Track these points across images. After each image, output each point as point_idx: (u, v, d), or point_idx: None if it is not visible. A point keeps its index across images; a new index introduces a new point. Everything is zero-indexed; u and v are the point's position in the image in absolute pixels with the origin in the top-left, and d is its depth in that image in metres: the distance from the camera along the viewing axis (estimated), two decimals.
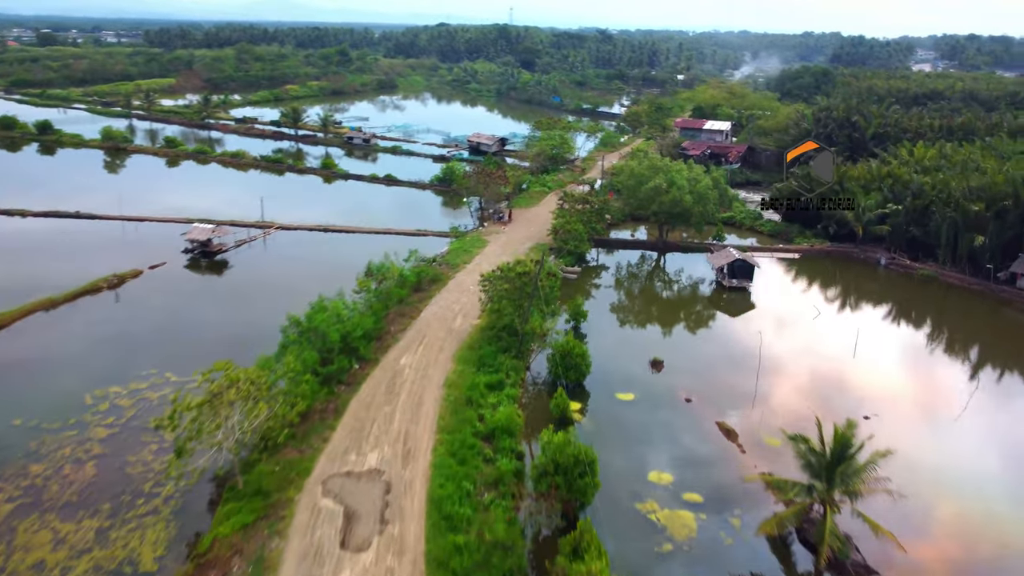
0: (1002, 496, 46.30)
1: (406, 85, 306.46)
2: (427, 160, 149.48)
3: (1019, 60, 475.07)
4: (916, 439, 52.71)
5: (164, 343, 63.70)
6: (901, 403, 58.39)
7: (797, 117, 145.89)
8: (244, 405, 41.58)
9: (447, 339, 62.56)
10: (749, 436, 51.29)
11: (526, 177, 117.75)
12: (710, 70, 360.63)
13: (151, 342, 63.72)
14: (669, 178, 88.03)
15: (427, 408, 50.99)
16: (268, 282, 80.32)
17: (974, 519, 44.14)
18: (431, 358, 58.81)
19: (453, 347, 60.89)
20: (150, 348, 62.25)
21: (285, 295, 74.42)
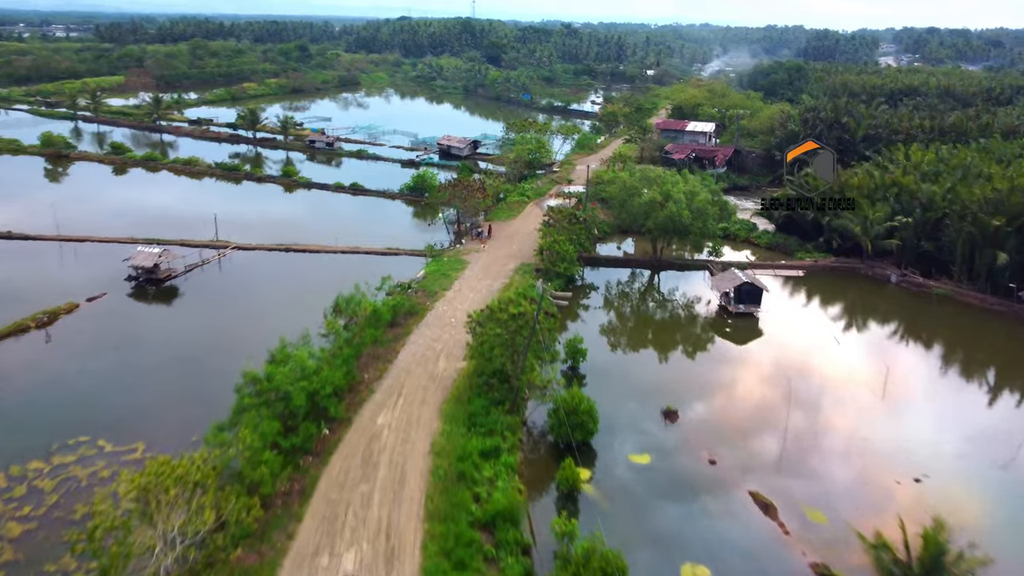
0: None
1: (369, 82, 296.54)
2: (395, 165, 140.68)
3: (981, 54, 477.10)
4: (979, 502, 45.90)
5: (101, 398, 54.83)
6: (946, 455, 51.54)
7: (782, 118, 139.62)
8: (187, 507, 33.29)
9: (430, 388, 54.41)
10: (789, 509, 43.97)
11: (505, 187, 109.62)
12: (679, 65, 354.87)
13: (85, 397, 54.74)
14: (664, 191, 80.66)
15: (412, 486, 42.85)
16: (224, 314, 71.48)
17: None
18: (413, 414, 50.65)
19: (438, 399, 52.75)
20: (83, 406, 53.29)
21: (243, 331, 66.22)
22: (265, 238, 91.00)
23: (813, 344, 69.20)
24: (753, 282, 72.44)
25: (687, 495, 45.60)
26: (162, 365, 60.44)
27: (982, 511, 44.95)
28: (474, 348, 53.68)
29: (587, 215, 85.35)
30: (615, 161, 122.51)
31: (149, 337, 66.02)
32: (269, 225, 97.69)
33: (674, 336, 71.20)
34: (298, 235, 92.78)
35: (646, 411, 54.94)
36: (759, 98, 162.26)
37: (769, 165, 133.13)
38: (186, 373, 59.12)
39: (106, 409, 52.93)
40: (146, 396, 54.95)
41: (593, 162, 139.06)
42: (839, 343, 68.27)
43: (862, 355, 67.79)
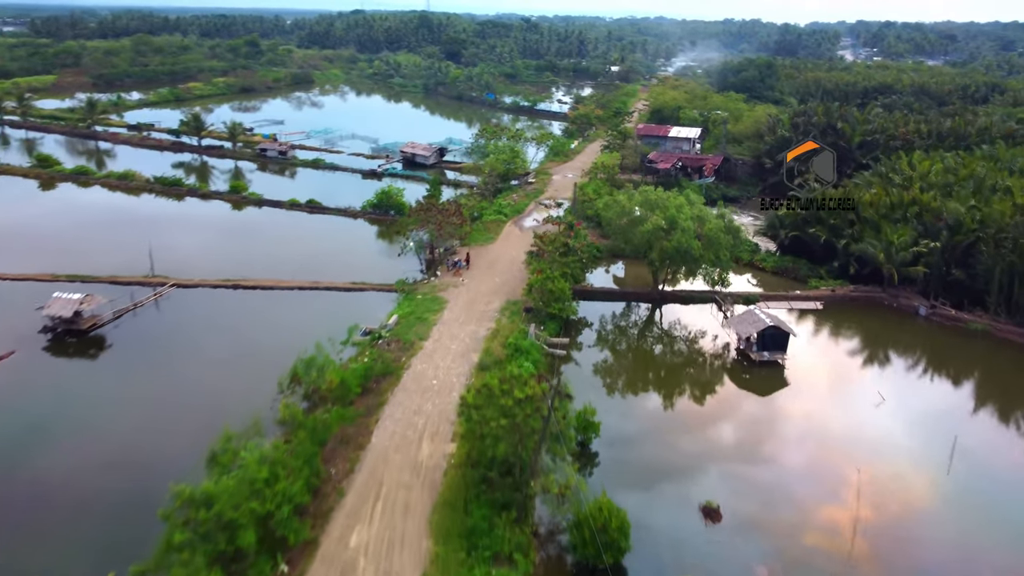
0: None
1: (323, 79, 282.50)
2: (355, 176, 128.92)
3: (939, 48, 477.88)
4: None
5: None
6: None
7: (771, 122, 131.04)
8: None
9: (414, 487, 43.70)
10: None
11: (482, 205, 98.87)
12: (642, 60, 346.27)
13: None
14: (669, 217, 70.80)
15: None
16: (157, 376, 59.66)
17: None
18: (395, 530, 39.97)
19: (425, 504, 42.08)
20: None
21: (180, 402, 54.86)
22: (210, 271, 79.13)
23: (852, 401, 59.93)
24: (778, 325, 62.89)
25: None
26: (80, 445, 48.98)
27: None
28: (467, 432, 43.10)
29: (580, 243, 75.20)
30: (596, 172, 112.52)
31: (66, 407, 54.18)
32: (214, 254, 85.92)
33: (691, 390, 61.30)
34: (249, 265, 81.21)
35: (681, 508, 44.95)
36: (741, 99, 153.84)
37: (759, 173, 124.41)
38: (107, 460, 47.66)
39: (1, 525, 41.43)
40: (56, 500, 43.47)
41: (569, 171, 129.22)
42: (883, 399, 58.92)
43: (915, 417, 58.62)
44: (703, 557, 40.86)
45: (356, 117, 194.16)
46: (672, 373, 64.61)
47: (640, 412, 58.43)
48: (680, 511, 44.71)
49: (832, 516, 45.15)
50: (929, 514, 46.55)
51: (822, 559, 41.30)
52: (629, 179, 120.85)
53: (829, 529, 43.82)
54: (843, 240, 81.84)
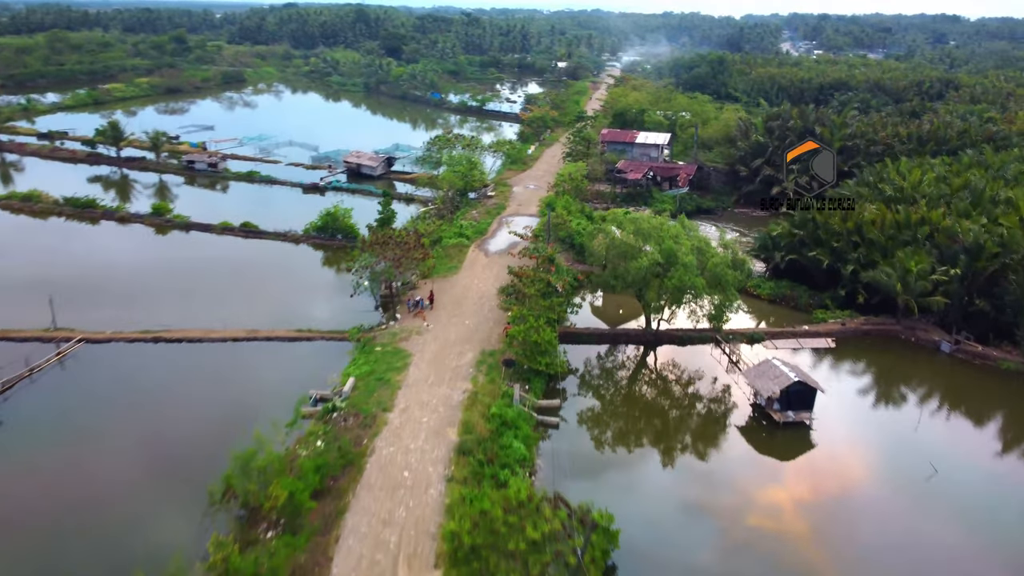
0: None
1: (256, 78, 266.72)
2: (295, 191, 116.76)
3: (877, 41, 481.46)
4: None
5: None
6: None
7: (743, 126, 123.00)
8: None
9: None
10: None
11: (441, 227, 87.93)
12: (588, 55, 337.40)
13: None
14: (666, 250, 61.28)
15: None
16: (57, 479, 47.76)
17: None
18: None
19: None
20: None
21: (82, 516, 43.25)
22: (127, 320, 66.84)
23: (899, 473, 51.21)
24: (805, 380, 53.92)
25: None
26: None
27: None
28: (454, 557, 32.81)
29: (563, 281, 65.23)
30: (562, 184, 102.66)
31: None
32: (133, 296, 73.56)
33: (708, 464, 51.91)
34: (174, 309, 69.31)
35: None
36: (707, 100, 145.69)
37: (733, 182, 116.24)
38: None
39: None
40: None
41: (530, 180, 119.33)
42: (935, 471, 50.34)
43: (964, 483, 50.24)
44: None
45: (293, 120, 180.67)
46: (683, 439, 55.05)
47: (655, 502, 48.75)
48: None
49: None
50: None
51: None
52: (596, 190, 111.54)
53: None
54: (849, 266, 73.54)
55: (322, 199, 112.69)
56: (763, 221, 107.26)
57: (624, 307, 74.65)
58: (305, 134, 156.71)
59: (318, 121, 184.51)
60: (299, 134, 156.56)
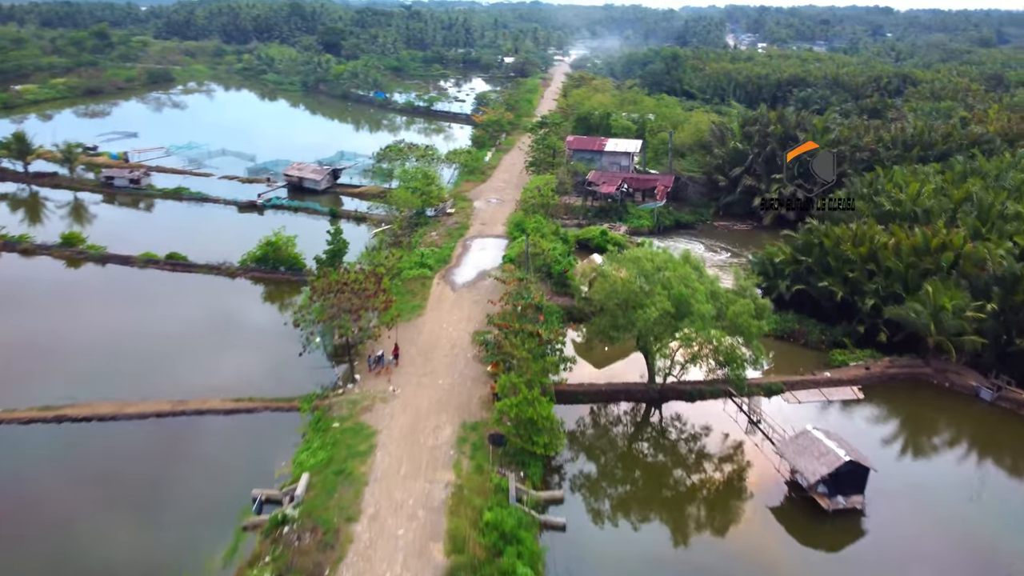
0: None
1: (186, 76, 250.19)
2: (229, 209, 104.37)
3: (819, 33, 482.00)
4: None
5: None
6: None
7: (718, 131, 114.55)
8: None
9: None
10: None
11: (400, 259, 76.84)
12: (534, 50, 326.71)
13: None
14: (677, 296, 51.71)
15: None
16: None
17: None
18: None
19: None
20: None
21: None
22: (23, 392, 54.75)
23: (970, 566, 42.68)
24: (856, 460, 44.98)
25: None
26: None
27: None
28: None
29: (555, 333, 55.21)
30: (529, 201, 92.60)
31: None
32: (33, 357, 61.25)
33: (750, 566, 42.63)
34: (83, 374, 57.44)
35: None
36: (676, 103, 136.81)
37: (711, 193, 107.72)
38: None
39: None
40: None
41: (491, 193, 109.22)
42: (1013, 568, 41.87)
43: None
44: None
45: (226, 124, 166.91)
46: (714, 529, 45.67)
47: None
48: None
49: None
50: None
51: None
52: (565, 204, 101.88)
53: None
54: (869, 300, 65.09)
55: (261, 219, 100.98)
56: (747, 235, 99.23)
57: (622, 354, 65.04)
58: (240, 140, 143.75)
59: (254, 124, 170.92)
60: (233, 141, 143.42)
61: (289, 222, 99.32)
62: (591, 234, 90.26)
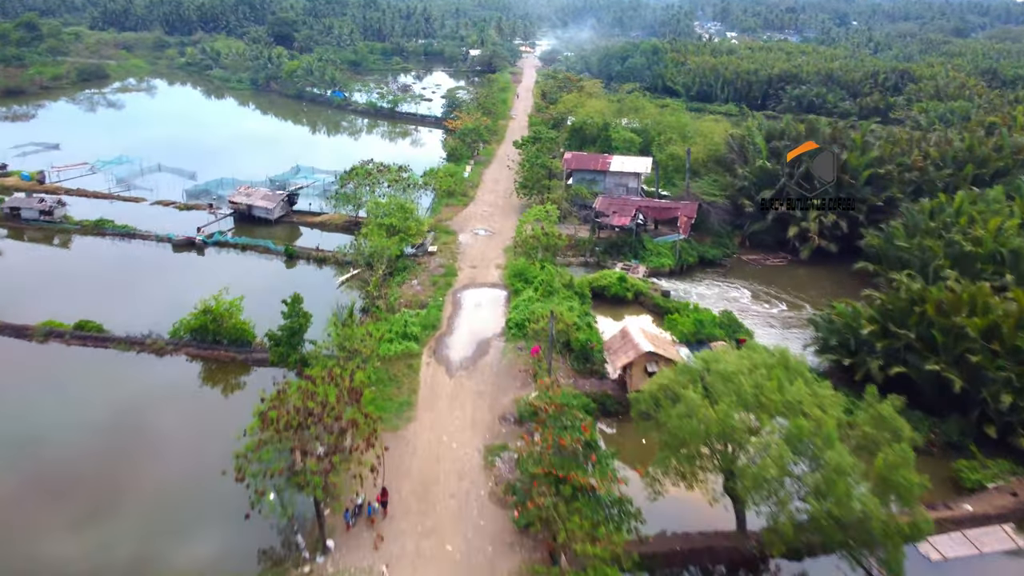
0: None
1: (122, 72, 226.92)
2: (162, 248, 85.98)
3: (788, 22, 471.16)
4: None
5: None
6: None
7: (735, 145, 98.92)
8: None
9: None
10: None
11: (386, 332, 59.47)
12: (500, 42, 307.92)
13: None
14: (794, 433, 35.58)
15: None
16: None
17: None
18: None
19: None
20: None
21: None
22: None
23: None
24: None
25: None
26: None
27: None
28: None
29: (606, 483, 38.66)
30: (530, 241, 75.83)
31: None
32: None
33: None
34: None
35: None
36: (681, 108, 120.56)
37: (737, 219, 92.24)
38: None
39: None
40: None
41: (477, 223, 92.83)
42: None
43: None
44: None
45: (165, 129, 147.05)
46: None
47: None
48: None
49: None
50: None
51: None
52: (571, 235, 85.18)
53: None
54: (1006, 395, 49.62)
55: (201, 261, 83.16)
56: (786, 274, 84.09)
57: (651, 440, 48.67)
58: (181, 150, 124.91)
59: (198, 129, 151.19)
60: (172, 151, 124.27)
61: (235, 264, 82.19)
62: (607, 281, 74.12)
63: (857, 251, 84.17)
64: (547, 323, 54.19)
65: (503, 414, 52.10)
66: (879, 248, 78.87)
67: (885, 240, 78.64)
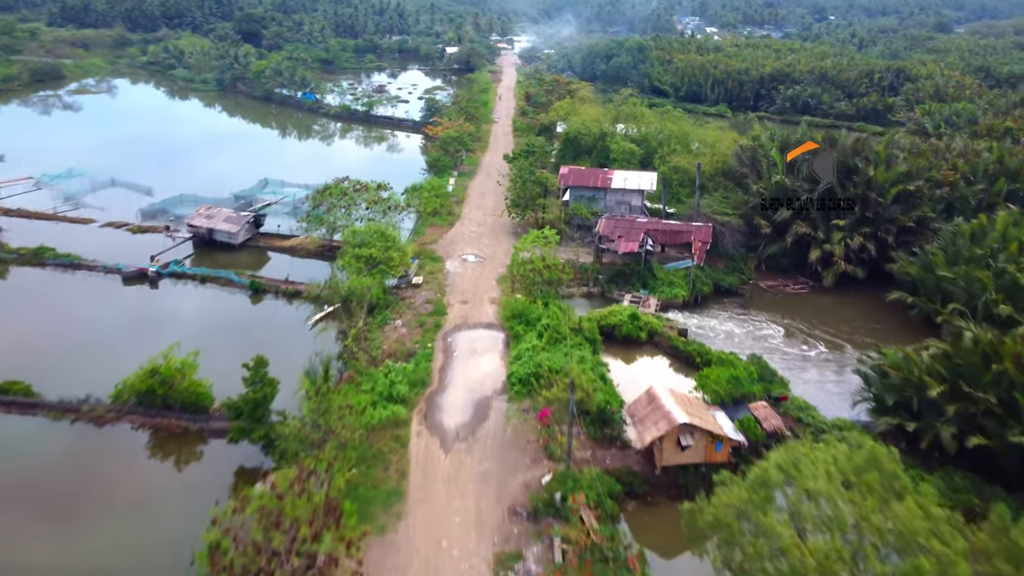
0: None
1: (80, 72, 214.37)
2: (110, 281, 75.97)
3: (768, 18, 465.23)
4: None
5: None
6: None
7: (745, 157, 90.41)
8: None
9: None
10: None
11: (367, 394, 50.06)
12: (477, 39, 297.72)
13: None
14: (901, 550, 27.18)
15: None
16: None
17: None
18: None
19: None
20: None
21: None
22: None
23: None
24: None
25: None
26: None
27: None
28: None
29: None
30: (530, 276, 66.79)
31: None
32: None
33: None
34: None
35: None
36: (683, 116, 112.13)
37: (751, 241, 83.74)
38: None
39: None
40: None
41: (465, 244, 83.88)
42: None
43: None
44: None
45: (122, 135, 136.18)
46: None
47: None
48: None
49: None
50: None
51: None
52: (570, 261, 76.01)
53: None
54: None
55: (155, 296, 73.52)
56: (810, 304, 75.77)
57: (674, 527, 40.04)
58: (137, 161, 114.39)
59: (157, 135, 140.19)
60: (128, 162, 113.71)
61: (193, 299, 72.55)
62: (617, 319, 65.28)
63: (885, 276, 76.44)
64: (561, 390, 45.23)
65: (513, 505, 43.12)
66: (916, 276, 70.90)
67: (923, 267, 70.71)
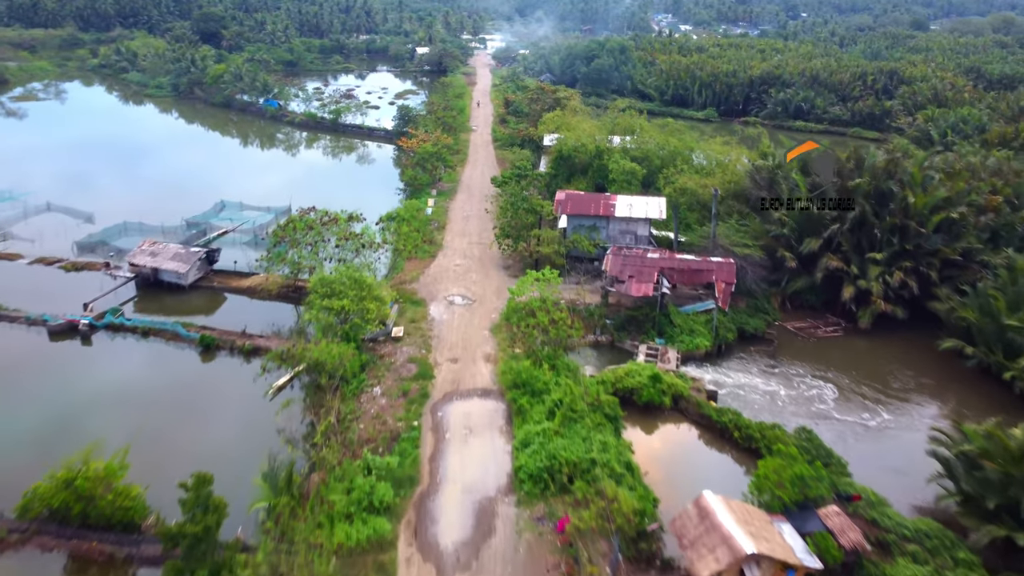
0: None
1: (25, 76, 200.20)
2: (34, 335, 64.38)
3: (742, 15, 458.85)
4: None
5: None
6: None
7: (763, 179, 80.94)
8: None
9: None
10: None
11: (340, 502, 39.60)
12: (449, 37, 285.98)
13: None
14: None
15: None
16: None
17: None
18: None
19: None
20: None
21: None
22: None
23: None
24: None
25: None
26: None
27: None
28: None
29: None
30: (531, 330, 56.66)
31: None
32: None
33: None
34: None
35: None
36: (686, 129, 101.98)
37: (773, 276, 74.17)
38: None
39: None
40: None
41: (449, 283, 73.35)
42: None
43: None
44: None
45: (66, 149, 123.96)
46: None
47: None
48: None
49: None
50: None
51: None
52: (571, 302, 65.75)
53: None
54: None
55: (88, 354, 62.23)
56: (848, 351, 66.32)
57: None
58: (76, 184, 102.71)
59: (103, 147, 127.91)
60: (65, 185, 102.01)
61: (132, 358, 61.52)
62: (635, 381, 55.23)
63: (927, 316, 67.53)
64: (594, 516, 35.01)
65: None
66: (973, 323, 61.77)
67: (981, 311, 61.60)
